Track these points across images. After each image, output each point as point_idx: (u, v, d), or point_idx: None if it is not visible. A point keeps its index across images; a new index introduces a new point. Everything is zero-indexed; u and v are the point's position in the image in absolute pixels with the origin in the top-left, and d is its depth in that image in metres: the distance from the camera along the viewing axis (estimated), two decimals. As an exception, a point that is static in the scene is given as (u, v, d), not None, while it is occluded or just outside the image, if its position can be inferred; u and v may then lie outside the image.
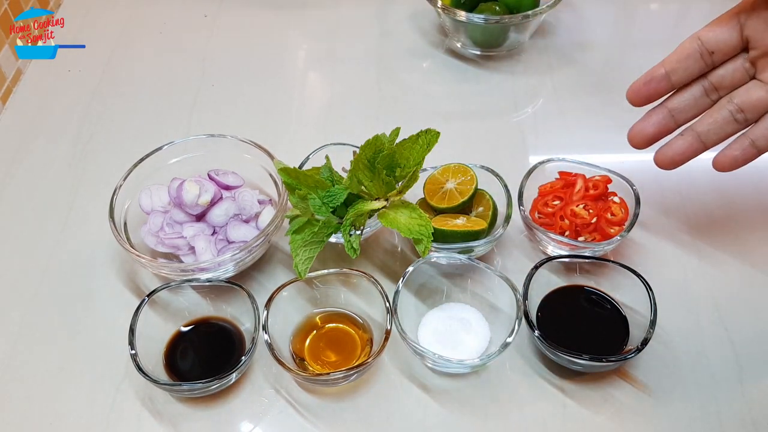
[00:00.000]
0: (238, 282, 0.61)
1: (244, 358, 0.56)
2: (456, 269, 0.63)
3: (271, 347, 0.56)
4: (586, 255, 0.63)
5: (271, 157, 0.67)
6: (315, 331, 0.61)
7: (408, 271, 0.60)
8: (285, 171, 0.59)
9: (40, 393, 0.60)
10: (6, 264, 0.69)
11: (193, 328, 0.62)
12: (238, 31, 0.96)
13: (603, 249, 0.64)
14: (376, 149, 0.59)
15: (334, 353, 0.60)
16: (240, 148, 0.70)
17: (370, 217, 0.62)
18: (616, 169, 0.67)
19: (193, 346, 0.61)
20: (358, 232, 0.60)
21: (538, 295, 0.61)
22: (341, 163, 0.65)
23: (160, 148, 0.69)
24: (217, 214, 0.66)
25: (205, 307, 0.62)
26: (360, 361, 0.58)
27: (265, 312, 0.58)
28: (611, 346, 0.58)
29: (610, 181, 0.66)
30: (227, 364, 0.57)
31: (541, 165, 0.68)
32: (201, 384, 0.55)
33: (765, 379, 0.58)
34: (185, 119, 0.83)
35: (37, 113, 0.85)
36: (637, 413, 0.57)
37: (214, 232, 0.66)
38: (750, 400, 0.57)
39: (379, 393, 0.59)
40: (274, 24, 0.97)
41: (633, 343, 0.57)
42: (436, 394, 0.59)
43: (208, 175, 0.69)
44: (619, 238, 0.62)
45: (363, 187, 0.59)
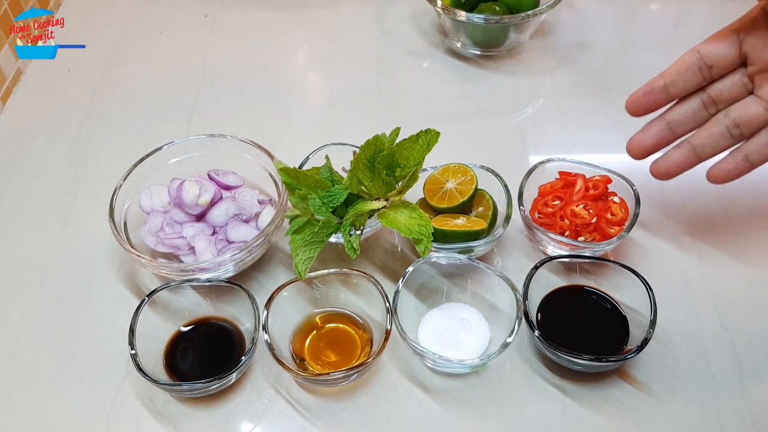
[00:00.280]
0: (238, 282, 0.61)
1: (244, 358, 0.56)
2: (456, 269, 0.63)
3: (271, 347, 0.56)
4: (586, 255, 0.63)
5: (271, 157, 0.67)
6: (315, 331, 0.61)
7: (408, 271, 0.60)
8: (285, 171, 0.59)
9: (40, 393, 0.60)
10: (6, 264, 0.69)
11: (193, 328, 0.62)
12: (238, 31, 0.96)
13: (603, 249, 0.64)
14: (376, 149, 0.59)
15: (334, 353, 0.60)
16: (240, 148, 0.70)
17: (370, 217, 0.62)
18: (616, 169, 0.67)
19: (193, 346, 0.61)
20: (358, 232, 0.60)
21: (538, 295, 0.61)
22: (341, 163, 0.65)
23: (160, 148, 0.69)
24: (217, 214, 0.66)
25: (205, 307, 0.62)
26: (360, 361, 0.58)
27: (265, 312, 0.58)
28: (611, 346, 0.58)
29: (610, 181, 0.67)
30: (227, 364, 0.57)
31: (541, 165, 0.68)
32: (201, 384, 0.55)
33: (765, 379, 0.58)
34: (185, 119, 0.83)
35: (37, 113, 0.85)
36: (637, 413, 0.57)
37: (214, 232, 0.66)
38: (750, 400, 0.57)
39: (379, 393, 0.59)
40: (274, 24, 0.97)
41: (633, 343, 0.57)
42: (436, 394, 0.59)
43: (208, 175, 0.69)
44: (619, 238, 0.62)
45: (363, 187, 0.59)
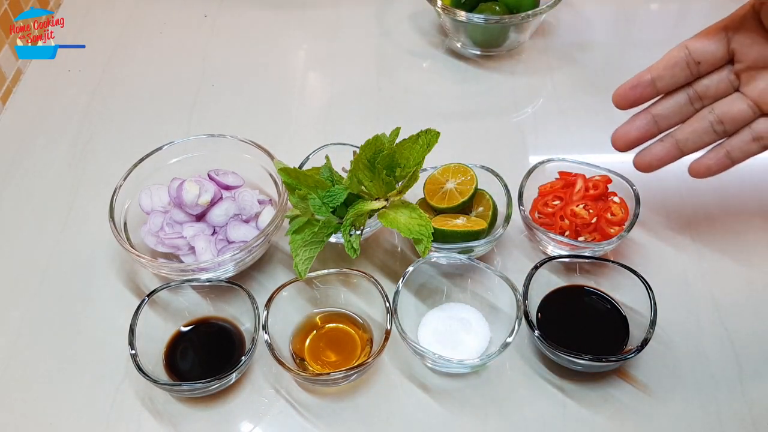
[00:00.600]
0: (238, 282, 0.61)
1: (244, 358, 0.56)
2: (456, 269, 0.63)
3: (271, 347, 0.56)
4: (586, 255, 0.63)
5: (271, 157, 0.67)
6: (315, 331, 0.61)
7: (408, 271, 0.60)
8: (285, 171, 0.59)
9: (40, 393, 0.60)
10: (6, 264, 0.69)
11: (193, 328, 0.62)
12: (238, 31, 0.96)
13: (603, 249, 0.64)
14: (376, 149, 0.59)
15: (334, 353, 0.60)
16: (240, 148, 0.70)
17: (370, 217, 0.62)
18: (616, 169, 0.67)
19: (193, 346, 0.61)
20: (358, 232, 0.60)
21: (538, 295, 0.61)
22: (341, 163, 0.65)
23: (160, 148, 0.69)
24: (217, 214, 0.66)
25: (205, 307, 0.62)
26: (360, 361, 0.58)
27: (265, 312, 0.58)
28: (611, 346, 0.58)
29: (610, 181, 0.67)
30: (227, 364, 0.57)
31: (541, 165, 0.68)
32: (201, 384, 0.55)
33: (765, 379, 0.58)
34: (185, 119, 0.83)
35: (37, 113, 0.85)
36: (637, 413, 0.57)
37: (214, 232, 0.66)
38: (750, 400, 0.57)
39: (379, 393, 0.59)
40: (274, 24, 0.97)
41: (633, 343, 0.57)
42: (436, 394, 0.59)
43: (208, 175, 0.69)
44: (619, 238, 0.62)
45: (363, 187, 0.59)
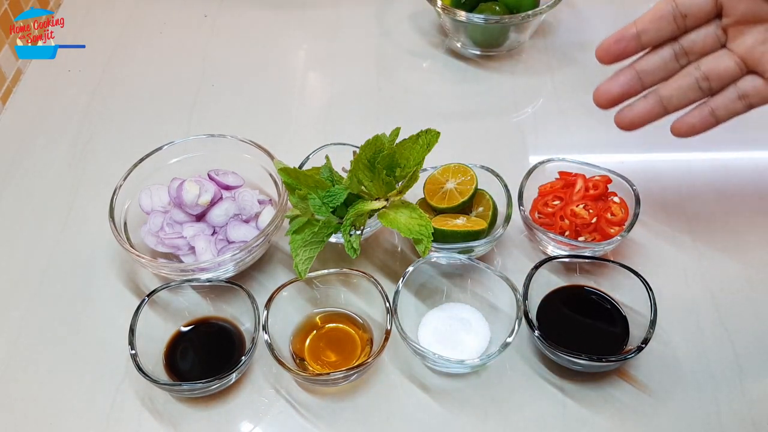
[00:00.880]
0: (238, 282, 0.61)
1: (244, 358, 0.56)
2: (456, 269, 0.63)
3: (271, 347, 0.56)
4: (586, 255, 0.63)
5: (271, 157, 0.67)
6: (315, 331, 0.61)
7: (408, 271, 0.60)
8: (285, 171, 0.59)
9: (40, 393, 0.60)
10: (6, 264, 0.69)
11: (193, 328, 0.62)
12: (238, 31, 0.96)
13: (603, 249, 0.64)
14: (376, 149, 0.59)
15: (334, 353, 0.60)
16: (240, 148, 0.70)
17: (370, 217, 0.62)
18: (616, 169, 0.67)
19: (193, 346, 0.61)
20: (358, 232, 0.60)
21: (538, 295, 0.61)
22: (341, 163, 0.65)
23: (160, 148, 0.69)
24: (217, 214, 0.66)
25: (205, 307, 0.62)
26: (360, 361, 0.58)
27: (265, 312, 0.58)
28: (611, 346, 0.58)
29: (610, 181, 0.67)
30: (227, 364, 0.57)
31: (541, 165, 0.68)
32: (201, 384, 0.55)
33: (765, 379, 0.58)
34: (185, 119, 0.83)
35: (37, 113, 0.85)
36: (637, 413, 0.57)
37: (214, 232, 0.66)
38: (750, 400, 0.57)
39: (379, 393, 0.59)
40: (274, 24, 0.97)
41: (633, 343, 0.57)
42: (436, 394, 0.59)
43: (208, 175, 0.69)
44: (619, 238, 0.62)
45: (363, 187, 0.59)
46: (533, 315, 0.59)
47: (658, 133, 0.58)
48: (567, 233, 0.65)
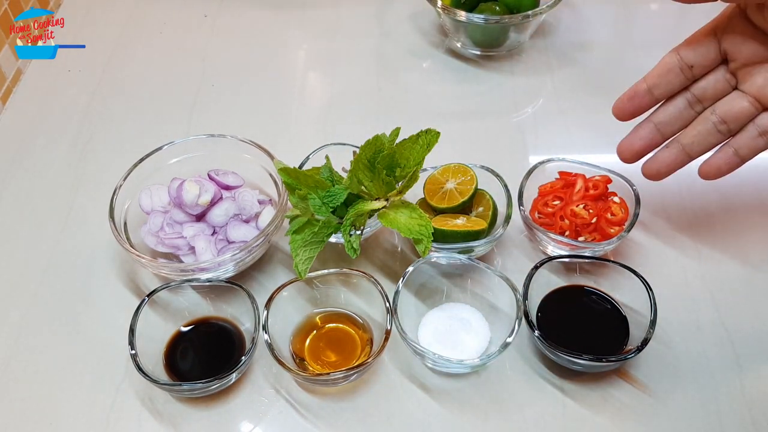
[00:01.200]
0: (238, 282, 0.61)
1: (244, 358, 0.56)
2: (456, 269, 0.63)
3: (271, 347, 0.56)
4: (586, 255, 0.63)
5: (271, 157, 0.67)
6: (315, 331, 0.61)
7: (408, 271, 0.60)
8: (285, 171, 0.59)
9: (40, 393, 0.60)
10: (6, 264, 0.69)
11: (193, 328, 0.62)
12: (238, 31, 0.96)
13: (603, 249, 0.64)
14: (376, 149, 0.59)
15: (334, 353, 0.60)
16: (240, 148, 0.70)
17: (370, 217, 0.62)
18: (616, 169, 0.67)
19: (193, 346, 0.61)
20: (358, 232, 0.60)
21: (538, 295, 0.61)
22: (341, 163, 0.65)
23: (160, 148, 0.69)
24: (217, 214, 0.66)
25: (205, 307, 0.62)
26: (360, 361, 0.58)
27: (265, 312, 0.58)
28: (611, 346, 0.58)
29: (610, 181, 0.67)
30: (227, 364, 0.57)
31: (541, 165, 0.68)
32: (201, 384, 0.55)
33: (765, 380, 0.58)
34: (185, 119, 0.83)
35: (37, 113, 0.85)
36: (637, 413, 0.57)
37: (214, 232, 0.66)
38: (750, 400, 0.57)
39: (379, 393, 0.59)
40: (274, 24, 0.97)
41: (633, 343, 0.57)
42: (436, 394, 0.59)
43: (208, 175, 0.69)
44: (619, 238, 0.62)
45: (363, 187, 0.59)
46: (533, 315, 0.59)
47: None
48: (567, 233, 0.65)
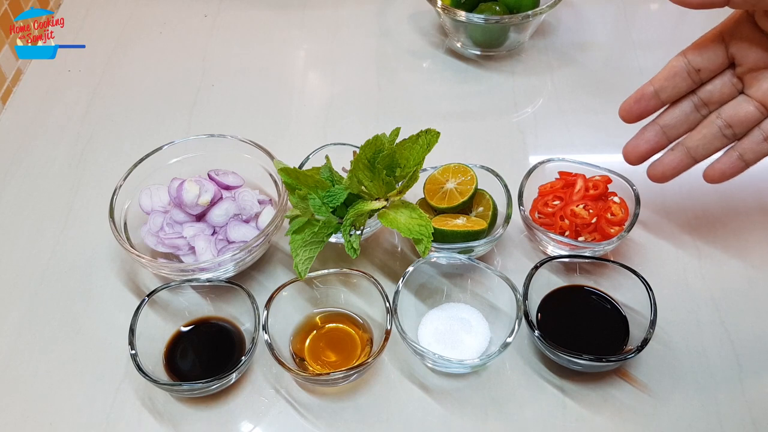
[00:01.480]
0: (238, 282, 0.61)
1: (244, 358, 0.56)
2: (456, 269, 0.63)
3: (271, 347, 0.56)
4: (586, 255, 0.63)
5: (271, 157, 0.67)
6: (315, 331, 0.61)
7: (408, 271, 0.60)
8: (285, 171, 0.59)
9: (40, 393, 0.60)
10: (6, 264, 0.69)
11: (193, 328, 0.62)
12: (238, 31, 0.96)
13: (603, 249, 0.64)
14: (376, 149, 0.59)
15: (334, 353, 0.60)
16: (240, 148, 0.70)
17: (370, 217, 0.62)
18: (616, 169, 0.67)
19: (193, 346, 0.61)
20: (358, 232, 0.60)
21: (538, 295, 0.61)
22: (341, 163, 0.65)
23: (160, 148, 0.69)
24: (217, 214, 0.66)
25: (205, 307, 0.62)
26: (360, 361, 0.58)
27: (265, 312, 0.58)
28: (611, 346, 0.58)
29: (610, 181, 0.67)
30: (227, 364, 0.57)
31: (541, 165, 0.68)
32: (201, 384, 0.55)
33: (765, 379, 0.58)
34: (185, 119, 0.83)
35: (37, 113, 0.85)
36: (637, 413, 0.57)
37: (214, 232, 0.66)
38: (750, 400, 0.57)
39: (379, 393, 0.59)
40: (274, 24, 0.97)
41: (633, 343, 0.57)
42: (436, 394, 0.59)
43: (208, 175, 0.69)
44: (619, 238, 0.62)
45: (363, 187, 0.59)
46: (533, 315, 0.59)
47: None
48: (567, 233, 0.65)
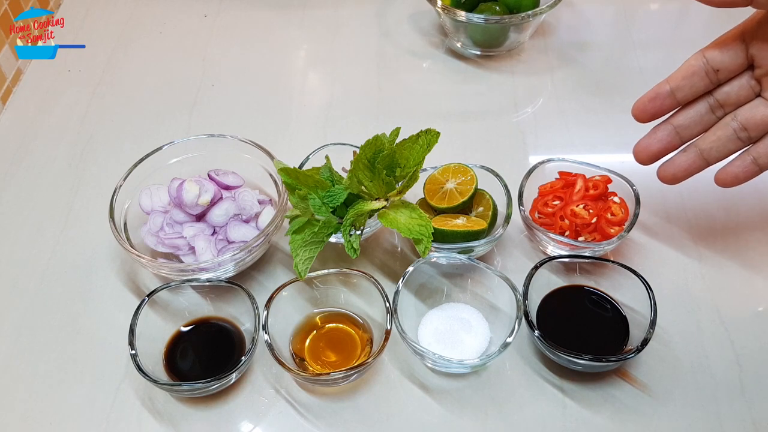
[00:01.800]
0: (238, 282, 0.61)
1: (244, 358, 0.56)
2: (456, 269, 0.63)
3: (271, 347, 0.56)
4: (586, 255, 0.63)
5: (271, 157, 0.67)
6: (315, 331, 0.61)
7: (408, 271, 0.60)
8: (285, 171, 0.59)
9: (40, 393, 0.60)
10: (6, 264, 0.69)
11: (193, 328, 0.62)
12: (238, 31, 0.96)
13: (603, 249, 0.64)
14: (376, 149, 0.59)
15: (334, 353, 0.60)
16: (240, 148, 0.70)
17: (370, 217, 0.62)
18: (616, 169, 0.67)
19: (193, 346, 0.61)
20: (358, 232, 0.60)
21: (538, 295, 0.61)
22: (341, 163, 0.65)
23: (160, 148, 0.69)
24: (217, 214, 0.66)
25: (205, 307, 0.62)
26: (360, 361, 0.58)
27: (265, 312, 0.58)
28: (611, 346, 0.58)
29: (610, 181, 0.67)
30: (227, 364, 0.57)
31: (541, 165, 0.68)
32: (201, 384, 0.55)
33: (765, 379, 0.58)
34: (185, 119, 0.83)
35: (37, 113, 0.85)
36: (637, 413, 0.57)
37: (214, 232, 0.66)
38: (750, 400, 0.57)
39: (379, 393, 0.59)
40: (274, 24, 0.97)
41: (633, 343, 0.57)
42: (436, 394, 0.59)
43: (208, 175, 0.69)
44: (619, 238, 0.62)
45: (363, 187, 0.59)
46: (533, 315, 0.59)
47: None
48: (567, 233, 0.65)
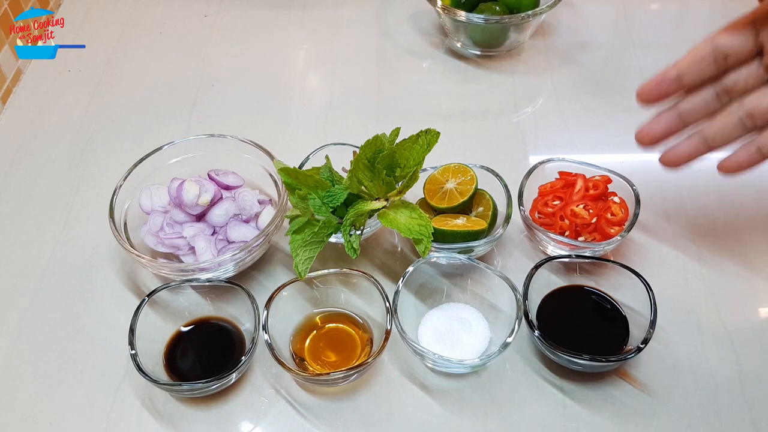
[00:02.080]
0: (238, 282, 0.61)
1: (244, 358, 0.56)
2: (456, 269, 0.63)
3: (271, 347, 0.56)
4: (586, 255, 0.63)
5: (271, 157, 0.67)
6: (315, 331, 0.61)
7: (408, 271, 0.60)
8: (285, 171, 0.59)
9: (40, 393, 0.60)
10: (6, 264, 0.69)
11: (193, 328, 0.62)
12: (238, 31, 0.96)
13: (603, 249, 0.64)
14: (376, 149, 0.59)
15: (334, 353, 0.60)
16: (240, 148, 0.70)
17: (370, 217, 0.62)
18: (616, 169, 0.67)
19: (193, 346, 0.61)
20: (358, 232, 0.60)
21: (538, 295, 0.61)
22: (341, 163, 0.65)
23: (160, 148, 0.69)
24: (217, 214, 0.66)
25: (205, 307, 0.62)
26: (360, 361, 0.58)
27: (265, 312, 0.58)
28: (611, 346, 0.58)
29: (610, 181, 0.67)
30: (227, 364, 0.57)
31: (541, 165, 0.68)
32: (201, 384, 0.55)
33: (765, 379, 0.58)
34: (185, 119, 0.83)
35: (37, 113, 0.85)
36: (637, 413, 0.57)
37: (214, 232, 0.66)
38: (750, 400, 0.57)
39: (379, 393, 0.59)
40: (274, 24, 0.97)
41: (633, 343, 0.57)
42: (436, 394, 0.59)
43: (208, 175, 0.69)
44: (619, 238, 0.62)
45: (363, 187, 0.59)
46: (533, 315, 0.59)
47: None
48: (567, 233, 0.65)
